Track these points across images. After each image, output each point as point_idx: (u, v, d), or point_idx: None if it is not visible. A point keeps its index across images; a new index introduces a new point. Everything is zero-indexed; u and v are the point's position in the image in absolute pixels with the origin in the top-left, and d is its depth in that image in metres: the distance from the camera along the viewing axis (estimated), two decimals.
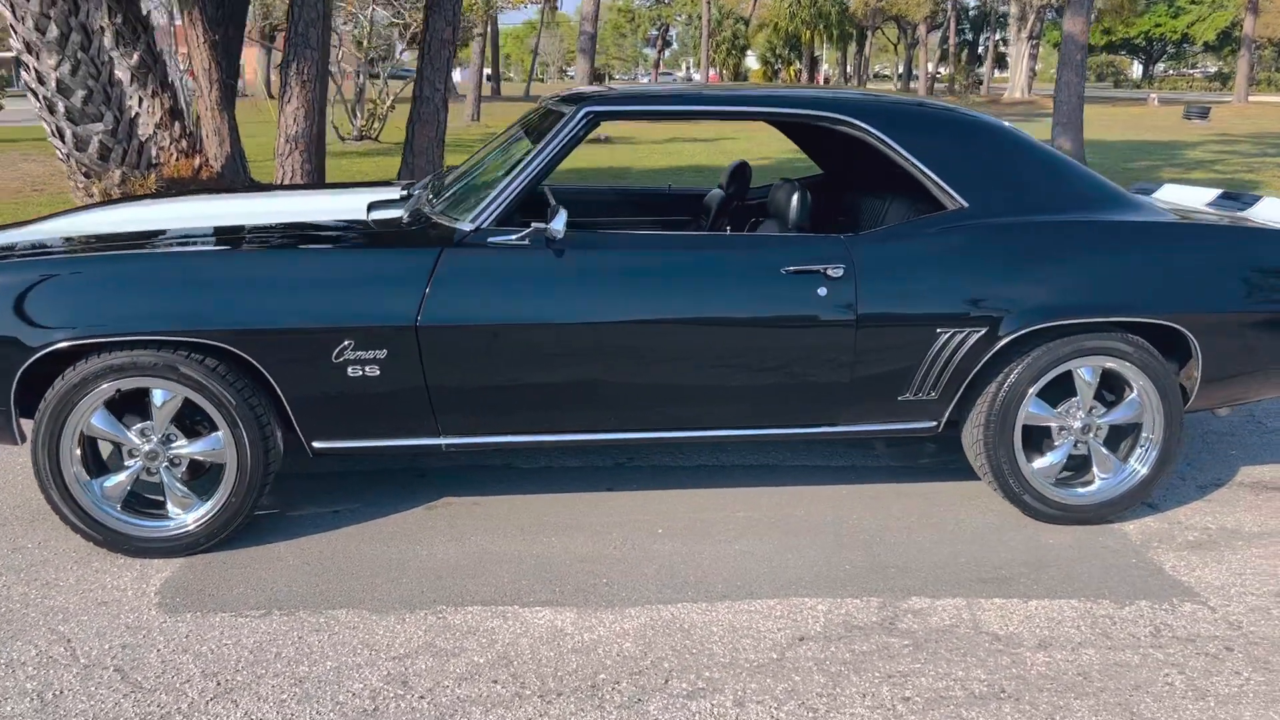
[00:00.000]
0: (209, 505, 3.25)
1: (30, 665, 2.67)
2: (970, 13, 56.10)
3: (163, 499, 3.29)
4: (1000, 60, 55.41)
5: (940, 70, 52.38)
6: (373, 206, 3.69)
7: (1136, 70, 77.54)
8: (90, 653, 2.73)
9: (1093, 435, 3.54)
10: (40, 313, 3.05)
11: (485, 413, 3.33)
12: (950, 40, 50.55)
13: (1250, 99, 41.96)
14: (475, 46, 27.76)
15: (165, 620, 2.90)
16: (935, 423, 3.51)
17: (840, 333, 3.31)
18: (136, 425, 3.22)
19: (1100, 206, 3.54)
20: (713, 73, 52.63)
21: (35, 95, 8.01)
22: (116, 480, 3.24)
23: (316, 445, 3.32)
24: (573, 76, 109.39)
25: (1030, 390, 3.44)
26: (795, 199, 3.60)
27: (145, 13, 9.47)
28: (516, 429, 3.38)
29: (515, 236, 3.24)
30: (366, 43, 19.60)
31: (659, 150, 19.29)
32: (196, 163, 9.25)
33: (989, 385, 3.46)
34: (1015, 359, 3.42)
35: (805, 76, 52.04)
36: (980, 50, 57.12)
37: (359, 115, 20.04)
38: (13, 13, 7.68)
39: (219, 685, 2.59)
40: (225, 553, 3.30)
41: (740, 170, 4.39)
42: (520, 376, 3.27)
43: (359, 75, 19.90)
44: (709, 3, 42.22)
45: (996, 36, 55.42)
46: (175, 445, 3.24)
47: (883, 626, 2.92)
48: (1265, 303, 3.48)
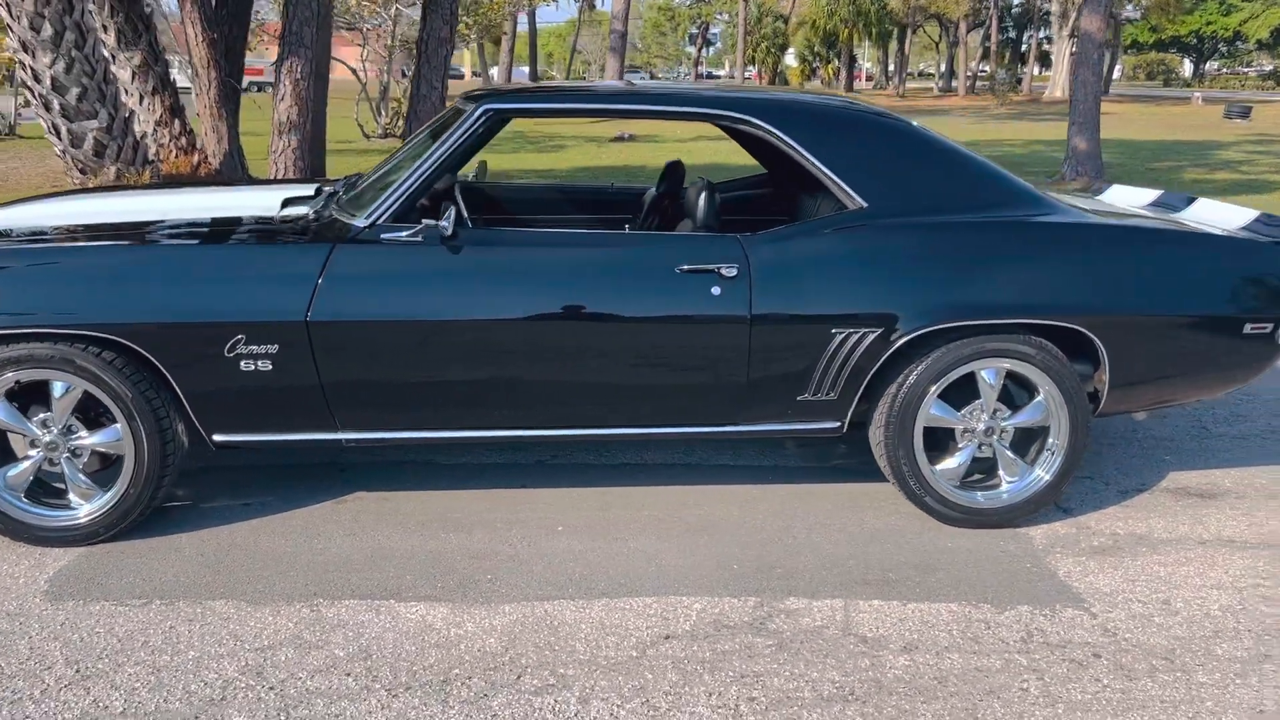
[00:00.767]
0: (108, 496, 3.32)
1: None
2: (1014, 10, 55.38)
3: (66, 489, 3.35)
4: (1045, 58, 54.69)
5: (982, 69, 51.75)
6: (286, 203, 3.74)
7: (1188, 69, 76.13)
8: None
9: (997, 438, 3.50)
10: None
11: (382, 409, 3.36)
12: (992, 38, 49.88)
13: None
14: (505, 44, 27.89)
15: (46, 608, 2.96)
16: (839, 423, 3.49)
17: (735, 332, 3.30)
18: (40, 415, 3.28)
19: (1007, 206, 3.50)
20: (752, 71, 52.47)
21: (32, 93, 8.19)
22: (19, 469, 3.31)
23: (217, 438, 3.37)
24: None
25: (930, 391, 3.41)
26: (703, 199, 3.59)
27: (148, 12, 9.62)
28: (416, 425, 3.41)
29: (407, 233, 3.27)
30: (391, 40, 19.79)
31: (680, 149, 19.27)
32: (195, 159, 9.40)
33: (890, 386, 3.43)
34: (915, 360, 3.39)
35: (844, 75, 51.67)
36: (1024, 48, 56.39)
37: (383, 113, 20.22)
38: (8, 12, 7.86)
39: (77, 672, 2.64)
40: (127, 543, 3.36)
41: (673, 169, 4.39)
42: (415, 373, 3.30)
43: (382, 73, 20.09)
44: (746, 1, 42.09)
45: (1041, 35, 54.67)
46: (75, 436, 3.30)
47: (752, 626, 2.91)
48: (1174, 305, 3.43)
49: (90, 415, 3.33)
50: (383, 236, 3.28)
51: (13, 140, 18.43)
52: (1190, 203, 4.12)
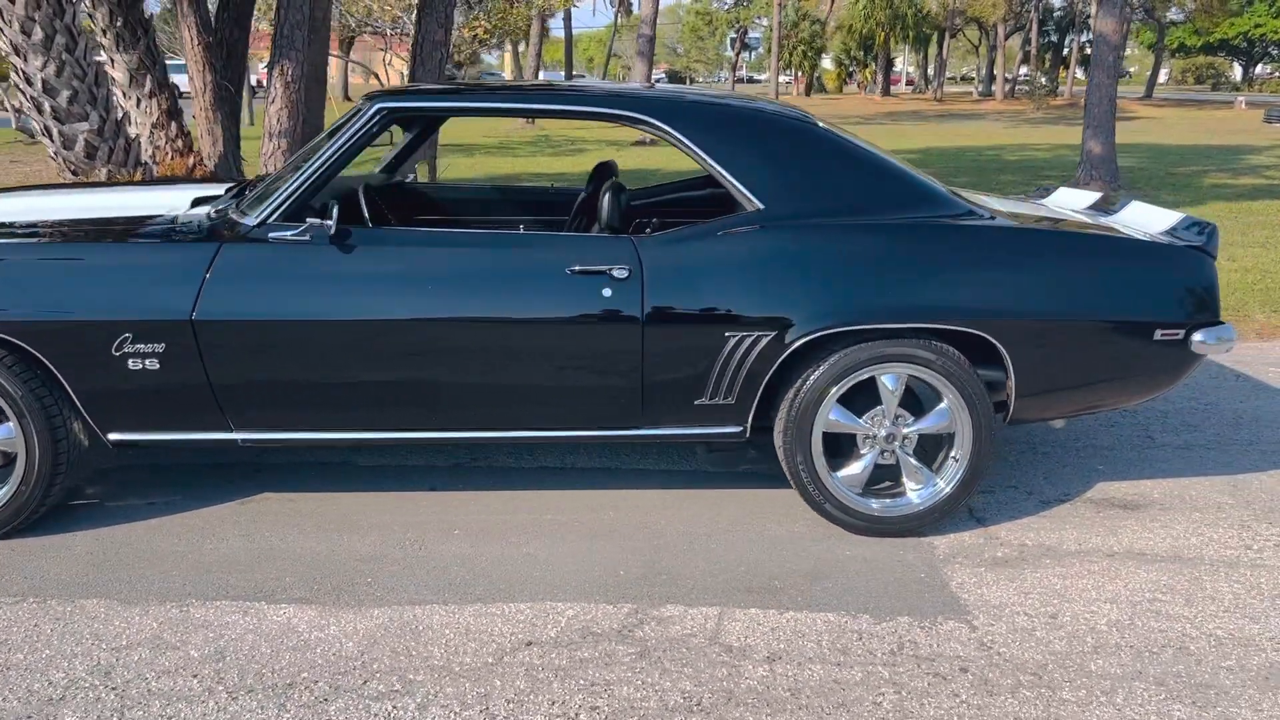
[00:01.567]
0: (1, 494, 3.33)
1: None
2: (1055, 14, 54.69)
3: None
4: (1087, 62, 53.98)
5: (1023, 73, 51.17)
6: (196, 202, 3.74)
7: (1238, 72, 74.74)
8: None
9: (899, 445, 3.42)
10: None
11: (274, 410, 3.35)
12: (1033, 42, 49.26)
13: None
14: (532, 48, 27.94)
15: None
16: (740, 428, 3.43)
17: (627, 335, 3.26)
18: None
19: (913, 209, 3.42)
20: (785, 76, 52.24)
21: (24, 95, 8.30)
22: None
23: (112, 437, 3.37)
24: (661, 79, 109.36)
25: (828, 396, 3.34)
26: (606, 200, 3.55)
27: (148, 16, 9.73)
28: (310, 427, 3.39)
29: (293, 232, 3.26)
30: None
31: None
32: (191, 161, 9.49)
33: (789, 391, 3.37)
34: (813, 364, 3.32)
35: (881, 79, 51.30)
36: (1065, 52, 55.65)
37: None
38: (1, 16, 7.97)
39: None
40: (21, 540, 3.37)
41: (601, 170, 4.34)
42: (304, 374, 3.28)
43: (404, 77, 20.16)
44: (780, 5, 41.93)
45: (1083, 39, 53.95)
46: None
47: (619, 634, 2.86)
48: (1080, 310, 3.33)
49: None
50: (270, 236, 3.27)
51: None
52: (1124, 205, 4.01)
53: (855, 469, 3.44)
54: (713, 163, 3.37)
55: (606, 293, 3.24)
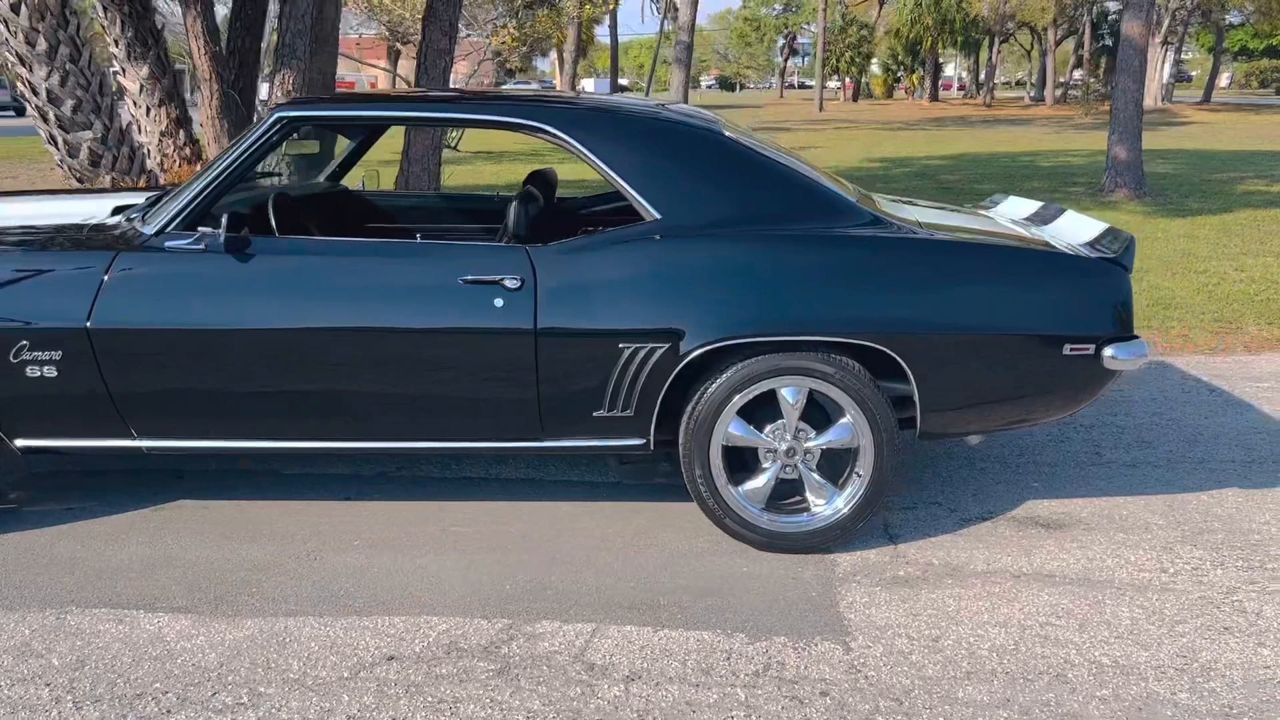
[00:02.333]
0: None
1: None
2: (1110, 18, 53.68)
3: None
4: None
5: (1076, 78, 50.29)
6: (116, 211, 3.77)
7: None
8: None
9: (801, 459, 3.34)
10: None
11: (173, 417, 3.36)
12: (1085, 46, 48.39)
13: None
14: (569, 55, 28.04)
15: None
16: (644, 440, 3.37)
17: (520, 345, 3.22)
18: None
19: (818, 220, 3.34)
20: (834, 82, 51.87)
21: (29, 105, 8.49)
22: None
23: (18, 444, 3.41)
24: (712, 86, 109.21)
25: (727, 409, 3.27)
26: (512, 208, 3.52)
27: (160, 26, 9.91)
28: (210, 435, 3.40)
29: (188, 241, 3.27)
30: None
31: None
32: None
33: (688, 404, 3.31)
34: (712, 376, 3.26)
35: (929, 84, 50.73)
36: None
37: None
38: (6, 27, 8.16)
39: None
40: None
41: (536, 177, 4.31)
42: (199, 382, 3.29)
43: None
44: (824, 10, 41.67)
45: None
46: None
47: (485, 650, 2.83)
48: (984, 323, 3.23)
49: None
50: (167, 244, 3.29)
51: None
52: (1060, 215, 3.89)
53: (758, 483, 3.37)
54: (610, 172, 3.32)
55: (498, 303, 3.21)
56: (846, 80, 54.58)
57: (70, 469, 4.09)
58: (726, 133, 3.48)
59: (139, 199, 3.98)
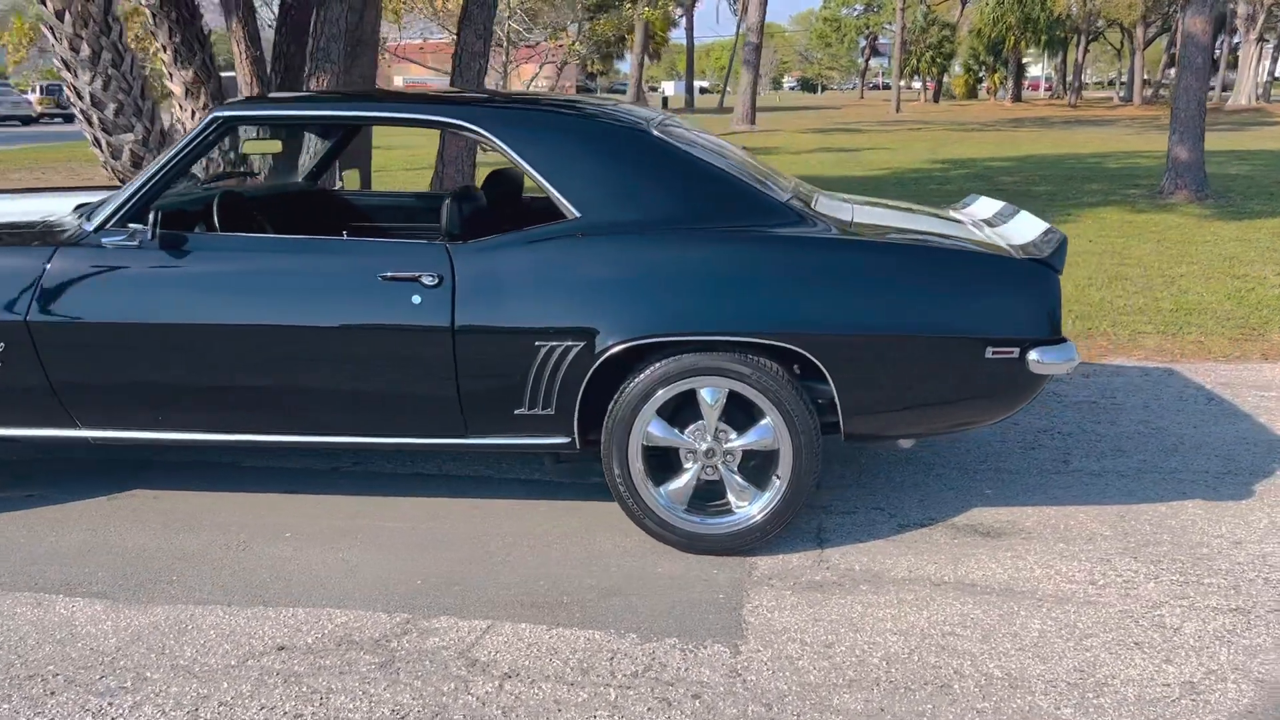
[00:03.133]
0: None
1: None
2: None
3: None
4: (1235, 65, 50.99)
5: (1166, 75, 48.76)
6: (78, 208, 3.89)
7: None
8: None
9: (721, 461, 3.31)
10: None
11: (113, 408, 3.46)
12: (1177, 45, 46.87)
13: None
14: (634, 57, 28.09)
15: None
16: (569, 439, 3.37)
17: (438, 342, 3.25)
18: None
19: (740, 218, 3.31)
20: (920, 83, 51.06)
21: (75, 109, 8.80)
22: None
23: None
24: (794, 87, 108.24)
25: (645, 408, 3.25)
26: (444, 206, 3.54)
27: (206, 32, 10.20)
28: (149, 426, 3.49)
29: (122, 237, 3.36)
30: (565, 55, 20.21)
31: (789, 162, 19.00)
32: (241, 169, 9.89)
33: (609, 403, 3.30)
34: (632, 376, 3.25)
35: (1011, 84, 49.66)
36: (1215, 55, 52.76)
37: None
38: (52, 34, 8.48)
39: None
40: None
41: (496, 176, 4.33)
42: (133, 374, 3.38)
43: (555, 87, 20.60)
44: (902, 10, 41.11)
45: (1234, 40, 51.08)
46: None
47: (375, 643, 2.85)
48: (902, 325, 3.16)
49: None
50: (103, 240, 3.39)
51: None
52: (1014, 215, 3.79)
53: (679, 484, 3.34)
54: (531, 170, 3.33)
55: (416, 300, 3.24)
56: (928, 81, 53.70)
57: (43, 457, 4.22)
58: (655, 132, 3.45)
59: (102, 195, 4.10)
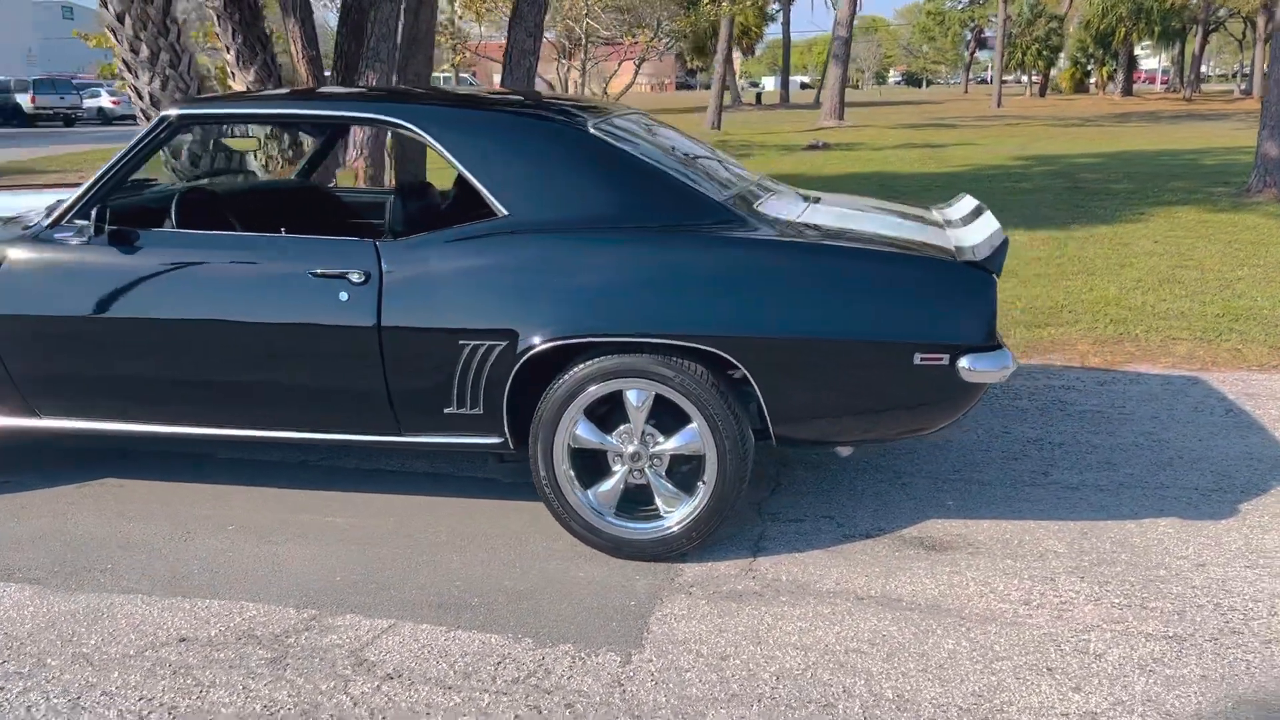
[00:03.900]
0: None
1: None
2: None
3: None
4: None
5: None
6: (50, 206, 4.01)
7: None
8: None
9: (648, 465, 3.25)
10: None
11: (65, 399, 3.56)
12: (1270, 32, 44.51)
13: None
14: (720, 53, 27.90)
15: None
16: (501, 439, 3.35)
17: (365, 339, 3.26)
18: None
19: (673, 217, 3.24)
20: (1026, 77, 49.60)
21: (136, 108, 9.12)
22: None
23: None
24: (899, 82, 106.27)
25: (570, 410, 3.21)
26: (389, 203, 3.55)
27: (268, 33, 10.46)
28: (97, 416, 3.57)
29: (71, 233, 3.45)
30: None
31: (867, 158, 18.69)
32: (297, 166, 10.13)
33: (537, 403, 3.27)
34: (558, 377, 3.21)
35: (1121, 78, 47.90)
36: None
37: None
38: (114, 36, 8.80)
39: None
40: None
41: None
42: (80, 366, 3.48)
43: (579, 88, 20.69)
44: (1004, 2, 40.01)
45: None
46: None
47: (274, 638, 2.87)
48: (826, 328, 3.05)
49: None
50: (55, 236, 3.48)
51: None
52: (980, 215, 3.63)
53: (606, 487, 3.29)
54: (461, 167, 3.32)
55: (343, 296, 3.26)
56: (1034, 75, 52.17)
57: (24, 446, 4.36)
58: (591, 131, 3.40)
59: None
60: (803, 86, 77.91)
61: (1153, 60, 66.77)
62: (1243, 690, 2.58)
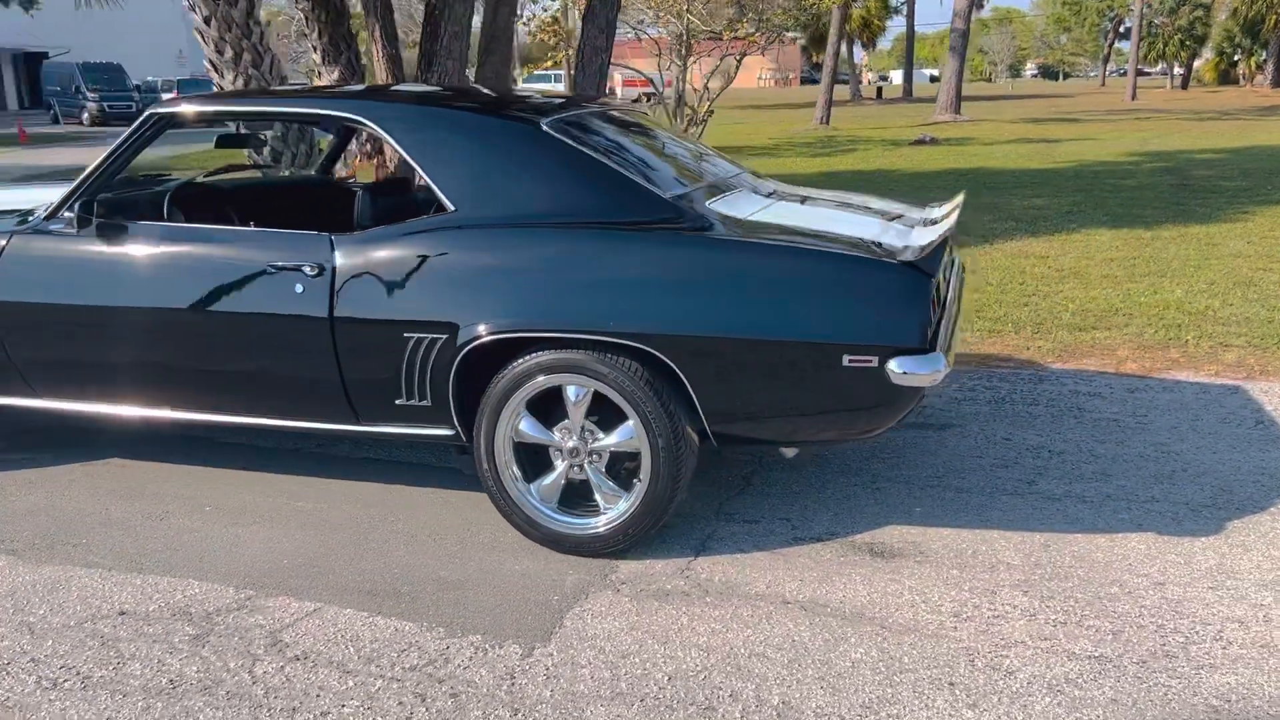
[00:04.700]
0: None
1: None
2: None
3: None
4: None
5: None
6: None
7: None
8: None
9: (588, 461, 3.25)
10: None
11: (58, 381, 3.77)
12: None
13: None
14: (829, 47, 27.49)
15: None
16: (451, 430, 3.41)
17: (319, 331, 3.35)
18: None
19: (619, 215, 3.24)
20: (1164, 68, 47.35)
21: None
22: None
23: None
24: (1035, 75, 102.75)
25: (510, 404, 3.24)
26: (355, 198, 3.64)
27: (354, 32, 10.80)
28: (86, 399, 3.77)
29: (62, 225, 3.65)
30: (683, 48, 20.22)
31: (972, 153, 18.19)
32: (375, 163, 10.43)
33: (482, 397, 3.31)
34: (500, 372, 3.25)
35: (1271, 69, 45.27)
36: None
37: (680, 121, 20.81)
38: (201, 38, 9.22)
39: None
40: None
41: None
42: (67, 350, 3.68)
43: (677, 80, 20.64)
44: None
45: None
46: None
47: (205, 616, 2.99)
48: (753, 328, 3.01)
49: None
50: (50, 228, 3.68)
51: None
52: (951, 213, 3.52)
53: (547, 481, 3.31)
54: (414, 164, 3.38)
55: (299, 289, 3.36)
56: (1176, 66, 49.81)
57: (52, 425, 4.62)
58: (544, 127, 3.42)
59: None
60: (932, 80, 76.07)
61: None
62: (1149, 718, 2.45)
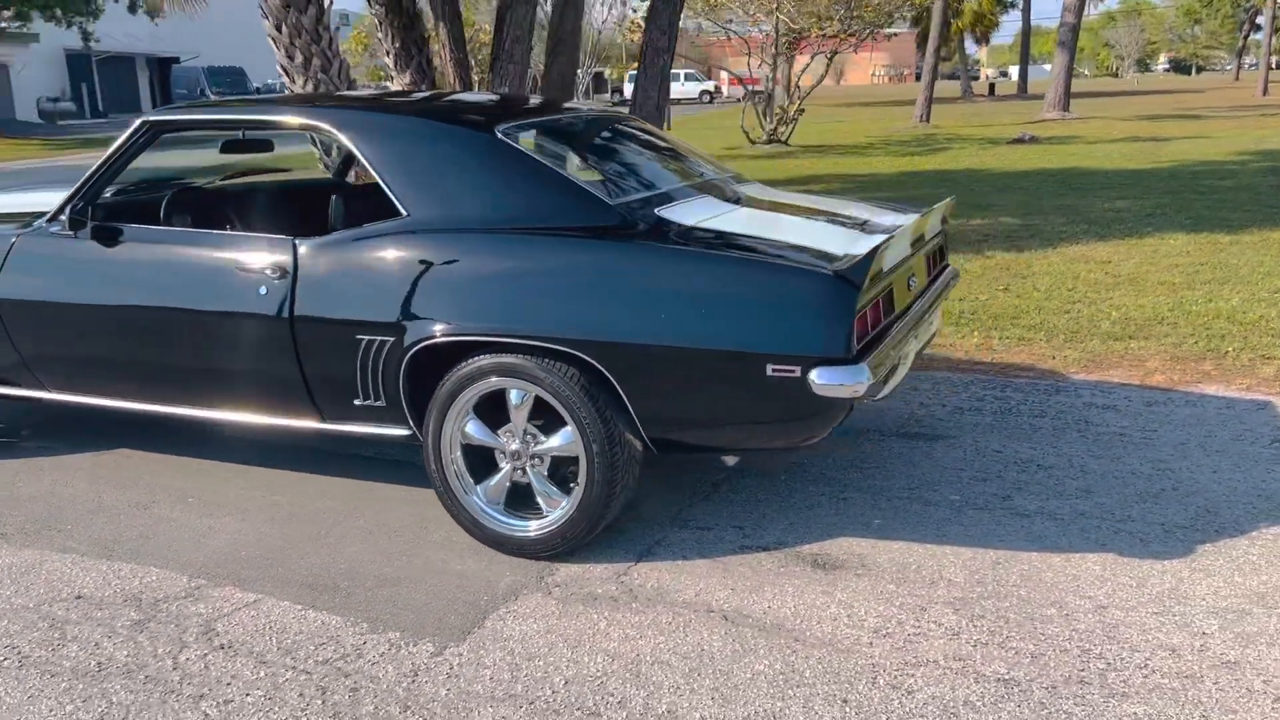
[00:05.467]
0: None
1: None
2: None
3: None
4: None
5: None
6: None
7: None
8: None
9: (529, 464, 3.30)
10: None
11: (63, 375, 3.98)
12: None
13: None
14: (930, 44, 26.91)
15: None
16: (408, 431, 3.49)
17: (281, 331, 3.48)
18: None
19: (565, 220, 3.28)
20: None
21: None
22: None
23: None
24: (1167, 69, 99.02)
25: (455, 406, 3.31)
26: (330, 200, 3.75)
27: (425, 36, 11.03)
28: (89, 392, 3.98)
29: (58, 228, 3.85)
30: (775, 48, 20.12)
31: (1070, 152, 17.62)
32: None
33: (430, 399, 3.39)
34: (447, 373, 3.32)
35: None
36: None
37: (769, 120, 20.70)
38: (274, 43, 9.56)
39: None
40: None
41: None
42: (63, 345, 3.89)
43: (766, 80, 20.55)
44: None
45: None
46: None
47: (153, 604, 3.13)
48: (677, 335, 3.00)
49: None
50: (51, 230, 3.89)
51: None
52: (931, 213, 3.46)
53: (491, 483, 3.37)
54: (372, 170, 3.47)
55: (262, 291, 3.48)
56: None
57: (67, 415, 4.87)
58: (497, 134, 3.47)
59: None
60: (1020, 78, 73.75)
61: None
62: None
